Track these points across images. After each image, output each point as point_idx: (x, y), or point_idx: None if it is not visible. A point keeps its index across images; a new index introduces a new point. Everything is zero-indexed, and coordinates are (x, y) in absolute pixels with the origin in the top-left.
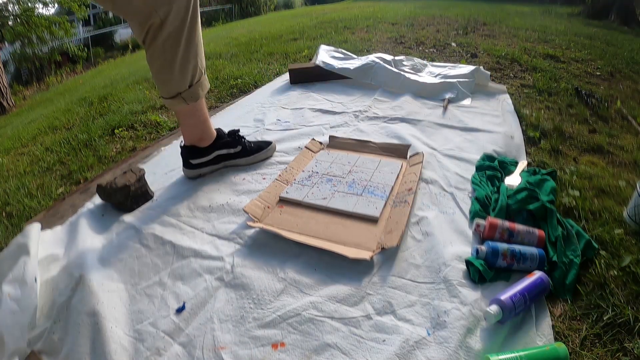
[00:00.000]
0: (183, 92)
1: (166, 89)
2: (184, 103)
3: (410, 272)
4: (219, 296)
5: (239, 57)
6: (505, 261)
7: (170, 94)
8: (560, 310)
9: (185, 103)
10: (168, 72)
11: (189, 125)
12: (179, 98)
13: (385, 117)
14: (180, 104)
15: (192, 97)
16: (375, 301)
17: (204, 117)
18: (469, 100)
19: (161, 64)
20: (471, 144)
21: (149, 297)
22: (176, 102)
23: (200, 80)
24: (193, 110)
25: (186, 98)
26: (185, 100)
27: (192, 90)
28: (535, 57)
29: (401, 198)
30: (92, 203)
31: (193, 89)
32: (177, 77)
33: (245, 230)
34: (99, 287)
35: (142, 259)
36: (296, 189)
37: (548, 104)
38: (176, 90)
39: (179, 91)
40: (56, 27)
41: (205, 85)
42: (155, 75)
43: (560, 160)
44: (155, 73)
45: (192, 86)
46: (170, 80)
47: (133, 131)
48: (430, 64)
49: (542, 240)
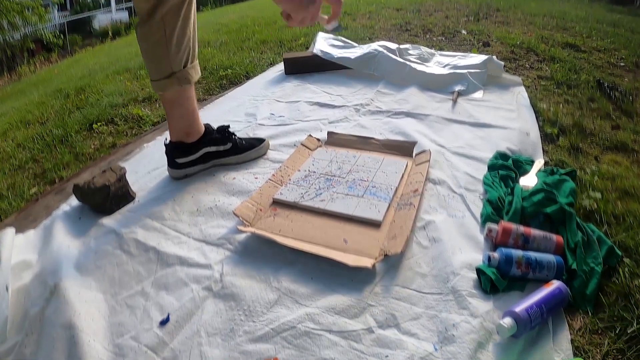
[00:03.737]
0: (177, 72)
1: (160, 67)
2: (176, 85)
3: (416, 281)
4: (206, 307)
5: (229, 45)
6: (519, 270)
7: (164, 73)
8: (580, 323)
9: (178, 85)
10: (164, 48)
11: (176, 117)
12: (173, 78)
13: (389, 112)
14: (172, 86)
15: (186, 79)
16: (378, 313)
17: (192, 108)
18: (480, 92)
19: (158, 40)
20: (483, 141)
21: (130, 308)
22: (169, 83)
23: (194, 64)
24: (183, 97)
25: (180, 79)
26: (180, 82)
27: (186, 71)
28: (553, 46)
29: (406, 200)
30: (68, 205)
31: (187, 70)
32: (173, 54)
33: (236, 235)
34: (76, 297)
35: (123, 266)
36: (291, 190)
37: (567, 97)
38: (170, 69)
39: (173, 70)
40: (29, 12)
41: (198, 70)
42: (149, 53)
43: (580, 159)
44: (150, 51)
45: (187, 67)
46: (167, 57)
47: (113, 126)
48: (438, 53)
49: (560, 247)
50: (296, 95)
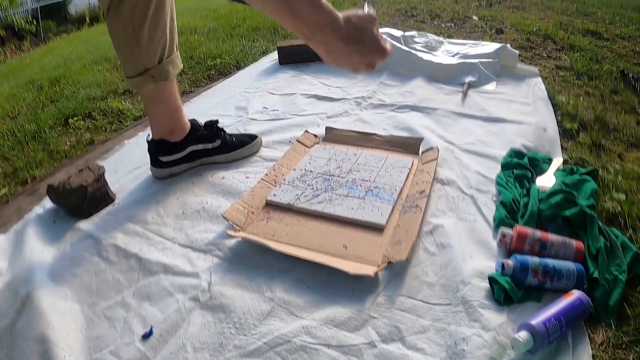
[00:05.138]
0: (152, 68)
1: (132, 64)
2: (152, 82)
3: (423, 291)
4: (193, 319)
5: (218, 32)
6: (536, 278)
7: (136, 70)
8: (602, 337)
9: (154, 82)
10: (134, 43)
11: (157, 115)
12: (147, 75)
13: (392, 105)
14: (147, 84)
15: (162, 76)
16: (381, 326)
17: (175, 105)
18: (493, 84)
19: (128, 34)
20: (496, 137)
21: (109, 321)
22: (143, 80)
23: (172, 57)
24: (163, 94)
25: (155, 76)
26: (154, 79)
27: (162, 66)
28: (573, 33)
29: (412, 202)
30: (42, 207)
31: (163, 66)
32: (145, 49)
33: (225, 241)
34: (50, 308)
35: (102, 274)
36: (286, 191)
37: (588, 89)
38: (143, 66)
39: (146, 67)
40: None
41: (177, 63)
42: (119, 48)
43: (602, 157)
44: (120, 46)
45: (162, 62)
46: (138, 54)
47: (91, 121)
48: (447, 41)
49: (581, 253)
50: (291, 87)
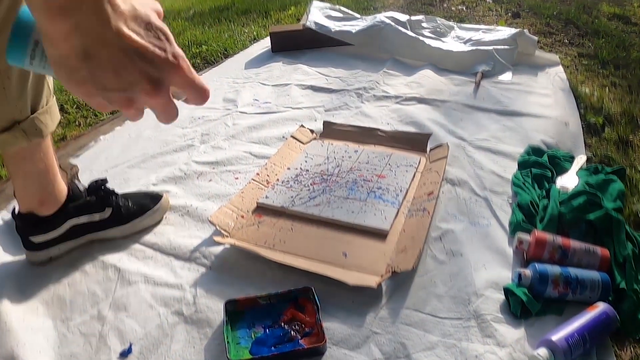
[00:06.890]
0: (23, 120)
1: None
2: (23, 140)
3: (431, 303)
4: (176, 335)
5: (204, 16)
6: (556, 290)
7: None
8: (630, 354)
9: (25, 140)
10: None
11: (22, 176)
12: (18, 130)
13: (398, 97)
14: (16, 142)
15: (36, 132)
16: (384, 342)
17: (47, 165)
18: (509, 74)
19: None
20: (512, 132)
21: (84, 337)
22: (9, 138)
23: (49, 104)
24: (34, 153)
25: (28, 131)
26: (28, 135)
27: (36, 118)
28: (597, 17)
29: (419, 205)
30: (8, 212)
31: (39, 118)
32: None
33: (212, 248)
34: (19, 323)
35: (76, 286)
36: (279, 193)
37: (614, 79)
38: (11, 116)
39: (16, 118)
40: None
41: (55, 113)
42: None
43: (630, 155)
44: None
45: (37, 112)
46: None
47: (62, 114)
48: (457, 26)
49: (606, 262)
50: (285, 77)
